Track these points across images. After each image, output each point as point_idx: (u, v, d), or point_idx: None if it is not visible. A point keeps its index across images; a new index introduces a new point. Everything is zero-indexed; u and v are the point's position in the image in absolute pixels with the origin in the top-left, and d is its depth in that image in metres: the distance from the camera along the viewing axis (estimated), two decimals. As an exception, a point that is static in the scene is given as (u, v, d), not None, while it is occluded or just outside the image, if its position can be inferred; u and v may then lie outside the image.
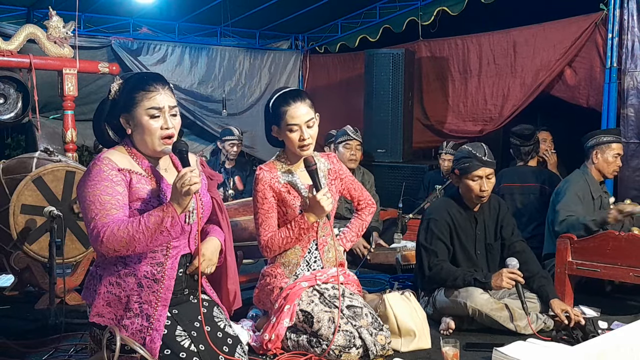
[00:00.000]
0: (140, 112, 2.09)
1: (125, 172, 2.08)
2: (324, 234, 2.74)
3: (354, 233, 2.94)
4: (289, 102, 2.58)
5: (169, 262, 2.14)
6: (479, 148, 3.17)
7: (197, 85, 7.17)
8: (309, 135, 2.58)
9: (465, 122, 6.47)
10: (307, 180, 2.65)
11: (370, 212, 2.97)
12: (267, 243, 2.64)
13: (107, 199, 2.01)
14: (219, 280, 2.41)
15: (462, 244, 3.22)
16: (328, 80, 7.62)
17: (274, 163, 2.70)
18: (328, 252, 2.75)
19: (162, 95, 2.11)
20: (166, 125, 2.11)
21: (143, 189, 2.09)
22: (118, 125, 2.15)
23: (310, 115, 2.60)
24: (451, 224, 3.20)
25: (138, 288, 2.10)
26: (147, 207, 2.07)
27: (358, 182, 2.94)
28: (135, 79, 2.15)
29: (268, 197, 2.63)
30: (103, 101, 2.18)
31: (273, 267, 2.73)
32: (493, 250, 3.28)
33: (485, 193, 3.15)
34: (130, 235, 1.96)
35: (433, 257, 3.16)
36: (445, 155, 5.58)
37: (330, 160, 2.81)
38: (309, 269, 2.73)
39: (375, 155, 6.17)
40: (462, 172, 3.17)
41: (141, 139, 2.12)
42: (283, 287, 2.65)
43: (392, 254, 4.44)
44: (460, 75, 6.45)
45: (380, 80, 6.18)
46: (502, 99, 6.13)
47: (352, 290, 2.77)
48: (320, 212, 2.57)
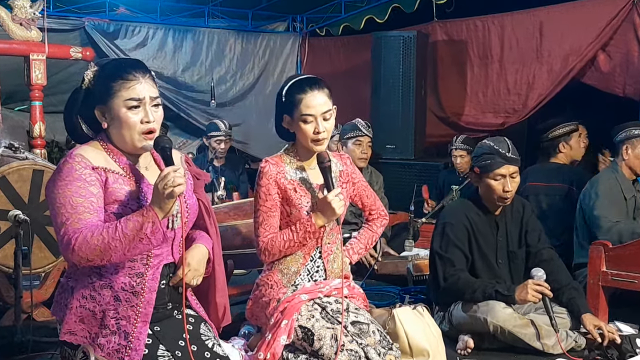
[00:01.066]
0: (118, 103, 2.08)
1: (101, 171, 2.07)
2: (329, 241, 2.74)
3: (362, 245, 2.95)
4: (306, 90, 2.60)
5: (149, 272, 2.14)
6: (502, 143, 3.18)
7: (181, 72, 7.17)
8: (324, 128, 2.59)
9: (485, 114, 6.48)
10: (317, 179, 2.67)
11: (382, 224, 3.00)
12: (267, 245, 2.65)
13: (79, 202, 2.01)
14: (206, 293, 2.41)
15: (481, 252, 3.22)
16: (330, 67, 7.62)
17: (282, 157, 2.71)
18: (333, 262, 2.76)
19: (143, 85, 2.11)
20: (147, 119, 2.10)
21: (120, 189, 2.08)
22: (92, 118, 2.15)
23: (328, 106, 2.62)
24: (469, 229, 3.20)
25: (115, 302, 2.10)
26: (125, 211, 2.06)
27: (371, 190, 2.97)
28: (112, 66, 2.15)
29: (272, 194, 2.64)
30: (75, 90, 2.18)
31: (269, 275, 2.73)
32: (517, 259, 3.29)
33: (508, 194, 3.16)
34: (106, 243, 1.96)
35: (449, 266, 3.16)
36: (456, 152, 5.59)
37: (343, 161, 2.83)
38: (310, 279, 2.73)
39: (383, 151, 6.18)
40: (482, 171, 3.17)
41: (119, 134, 2.11)
42: (280, 298, 2.66)
43: (403, 264, 4.45)
44: (480, 60, 6.46)
45: (389, 66, 6.18)
46: (526, 87, 6.14)
47: (358, 304, 2.78)
48: (331, 215, 2.58)
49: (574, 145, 4.61)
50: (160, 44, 6.97)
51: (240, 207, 3.70)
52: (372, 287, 4.32)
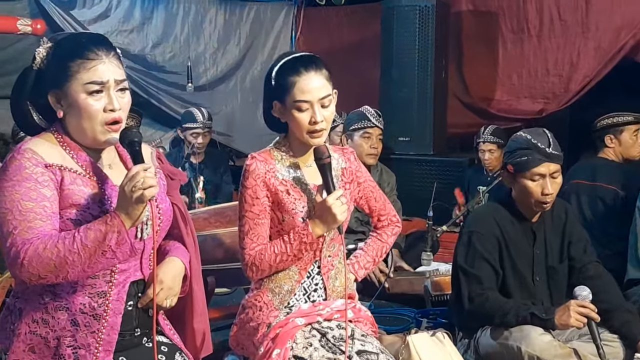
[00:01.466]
0: (76, 87, 2.08)
1: (55, 169, 2.07)
2: (330, 253, 2.75)
3: (369, 258, 2.95)
4: (300, 71, 2.59)
5: (114, 291, 2.14)
6: (541, 136, 3.18)
7: (151, 49, 7.20)
8: (322, 117, 2.59)
9: (519, 100, 6.51)
10: (314, 179, 2.67)
11: (393, 233, 3.00)
12: (254, 259, 2.65)
13: (29, 207, 2.00)
14: (182, 317, 2.41)
15: (515, 267, 3.23)
16: (330, 44, 7.64)
17: (271, 152, 2.71)
18: (335, 279, 2.76)
19: (106, 65, 2.10)
20: (111, 106, 2.10)
21: (79, 191, 2.08)
22: (45, 106, 2.14)
23: (327, 90, 2.61)
24: (501, 240, 3.21)
25: (72, 327, 2.10)
26: (84, 217, 2.06)
27: (380, 191, 2.96)
28: (70, 42, 2.14)
29: (260, 197, 2.64)
30: (25, 71, 2.17)
31: (258, 295, 2.73)
32: (557, 275, 3.30)
33: (548, 197, 3.17)
34: (62, 257, 1.96)
35: (475, 284, 3.17)
36: (484, 145, 5.60)
37: (346, 157, 2.83)
38: (307, 300, 2.74)
39: (395, 145, 6.20)
40: (517, 169, 3.18)
41: (77, 125, 2.12)
42: (271, 323, 2.67)
43: (419, 281, 4.46)
44: (514, 35, 6.48)
45: (402, 43, 6.20)
46: (569, 67, 6.17)
47: (365, 330, 2.79)
48: (331, 222, 2.58)
49: (625, 140, 4.62)
50: (125, 15, 7.00)
51: (223, 212, 3.71)
52: (383, 309, 4.33)
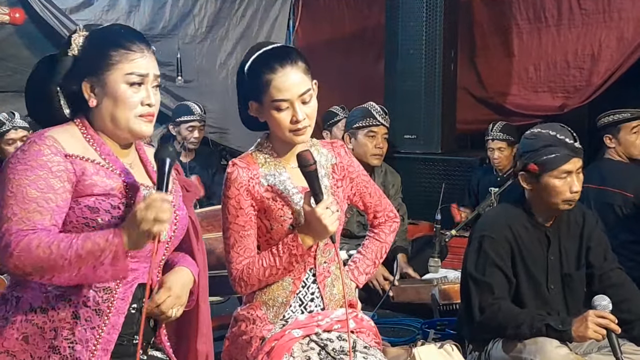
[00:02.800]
0: (116, 77, 2.14)
1: (75, 160, 2.11)
2: (325, 259, 2.75)
3: (369, 262, 2.94)
4: (274, 68, 2.58)
5: (120, 289, 2.16)
6: (564, 131, 3.19)
7: (137, 39, 7.19)
8: (304, 114, 2.58)
9: (538, 94, 6.50)
10: (301, 181, 2.65)
11: (392, 230, 2.98)
12: (242, 274, 2.65)
13: (33, 196, 2.04)
14: (185, 336, 2.43)
15: (529, 274, 3.24)
16: (331, 33, 7.63)
17: (254, 156, 2.70)
18: (332, 286, 2.76)
19: (148, 59, 2.19)
20: (149, 100, 2.17)
21: (101, 182, 2.12)
22: (75, 94, 2.19)
23: (306, 85, 2.60)
24: (514, 245, 3.21)
25: (72, 319, 2.11)
26: (102, 205, 2.10)
27: (374, 185, 2.94)
28: (110, 32, 2.22)
29: (244, 207, 2.63)
30: (54, 57, 2.23)
31: (251, 309, 2.74)
32: (573, 283, 3.30)
33: (577, 195, 3.18)
34: (52, 259, 1.97)
35: (487, 293, 3.18)
36: (493, 143, 5.59)
37: (336, 151, 2.82)
38: (304, 311, 2.74)
39: (401, 143, 6.20)
40: (544, 168, 3.16)
41: (111, 114, 2.17)
42: (266, 336, 2.67)
43: (427, 289, 4.47)
44: (530, 24, 6.48)
45: (408, 33, 6.20)
46: (590, 59, 6.17)
47: (368, 341, 2.79)
48: (321, 233, 2.57)
49: (625, 139, 4.63)
50: (110, 3, 7.00)
51: (215, 215, 3.70)
52: (387, 319, 4.34)
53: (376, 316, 4.13)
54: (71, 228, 2.10)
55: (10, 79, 6.34)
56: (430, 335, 3.80)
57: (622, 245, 4.34)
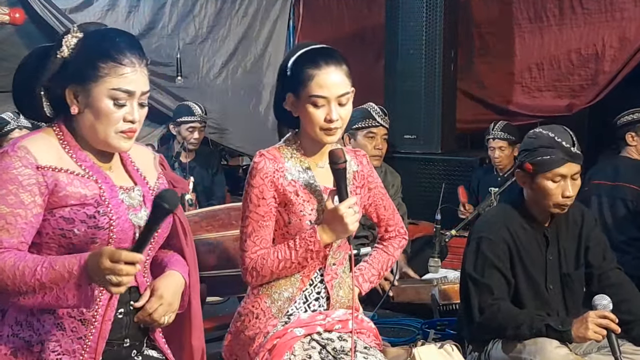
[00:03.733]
0: (102, 90, 2.07)
1: (47, 172, 2.06)
2: (335, 261, 2.75)
3: (375, 271, 2.95)
4: (319, 64, 2.60)
5: (104, 296, 2.14)
6: (564, 134, 3.18)
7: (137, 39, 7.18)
8: (338, 115, 2.60)
9: (542, 94, 6.49)
10: (325, 180, 2.67)
11: (400, 245, 3.01)
12: (256, 264, 2.65)
13: (3, 212, 2.00)
14: (179, 333, 2.42)
15: (527, 275, 3.24)
16: (331, 34, 7.64)
17: (281, 150, 2.71)
18: (339, 288, 2.77)
19: (138, 75, 2.10)
20: (131, 117, 2.10)
21: (75, 193, 2.08)
22: (59, 97, 2.13)
23: (346, 87, 2.62)
24: (512, 245, 3.21)
25: (58, 331, 2.10)
26: (78, 215, 2.07)
27: (389, 199, 2.96)
28: (104, 38, 2.13)
29: (267, 197, 2.63)
30: (43, 56, 2.16)
31: (255, 302, 2.73)
32: (572, 283, 3.30)
33: (569, 200, 3.17)
34: (15, 285, 1.96)
35: (486, 293, 3.18)
36: (494, 142, 5.59)
37: (359, 160, 2.83)
38: (307, 309, 2.75)
39: (401, 143, 6.20)
40: (538, 169, 3.17)
41: (91, 125, 2.11)
42: (269, 332, 2.67)
43: (426, 289, 4.47)
44: (532, 24, 6.47)
45: (408, 32, 6.20)
46: (594, 59, 6.15)
47: (368, 342, 2.79)
48: (341, 231, 2.58)
49: None
50: (110, 3, 6.98)
51: (215, 215, 3.72)
52: (387, 319, 4.34)
53: (376, 316, 4.12)
54: (48, 239, 2.08)
55: (10, 79, 6.29)
56: (430, 335, 3.80)
57: (630, 242, 4.34)
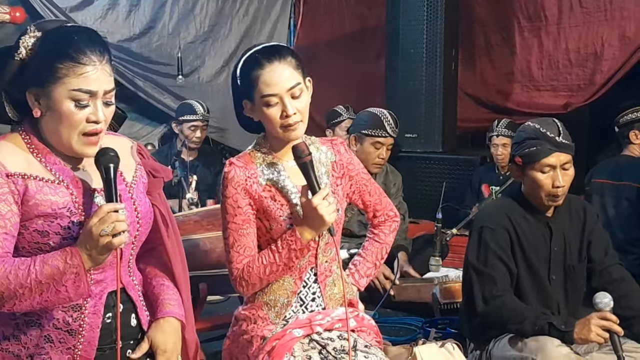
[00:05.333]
0: (61, 91, 2.01)
1: (17, 179, 2.02)
2: (327, 258, 2.74)
3: (369, 264, 2.94)
4: (262, 64, 2.58)
5: (89, 304, 2.12)
6: (550, 125, 3.19)
7: (137, 38, 7.19)
8: (294, 109, 2.57)
9: (541, 93, 6.50)
10: (299, 179, 2.65)
11: (392, 229, 2.98)
12: (243, 273, 2.65)
13: None
14: None
15: (529, 265, 3.23)
16: (332, 33, 7.64)
17: (251, 155, 2.70)
18: (333, 285, 2.76)
19: (99, 73, 2.03)
20: (95, 117, 2.04)
21: (46, 201, 2.03)
22: (21, 100, 2.08)
23: (295, 79, 2.59)
24: (513, 234, 3.21)
25: (46, 344, 2.08)
26: (52, 227, 2.03)
27: (374, 184, 2.94)
28: (61, 37, 2.06)
29: (242, 206, 2.63)
30: (3, 56, 2.10)
31: (252, 309, 2.74)
32: (575, 275, 3.29)
33: (560, 190, 3.17)
34: (11, 290, 1.93)
35: (490, 285, 3.16)
36: (497, 139, 5.59)
37: (336, 148, 2.81)
38: (305, 311, 2.74)
39: (402, 142, 6.19)
40: (526, 161, 3.18)
41: (54, 129, 2.06)
42: (267, 336, 2.67)
43: (427, 288, 4.46)
44: (531, 24, 6.48)
45: (409, 32, 6.20)
46: (593, 58, 6.16)
47: (369, 340, 2.79)
48: (319, 225, 2.57)
49: None
50: (111, 2, 6.99)
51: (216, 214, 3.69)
52: (388, 317, 4.33)
53: (377, 315, 4.12)
54: (25, 253, 2.04)
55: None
56: (431, 334, 3.79)
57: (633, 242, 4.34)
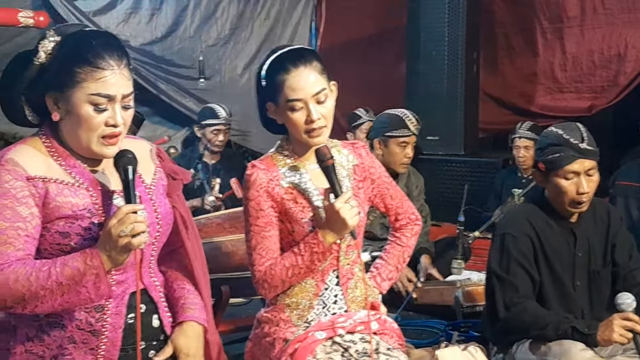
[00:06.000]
0: (80, 96, 2.03)
1: (38, 182, 2.04)
2: (348, 261, 2.75)
3: (392, 267, 2.94)
4: (288, 68, 2.59)
5: (112, 304, 2.13)
6: (574, 131, 3.18)
7: (159, 41, 7.22)
8: (319, 114, 2.58)
9: (564, 95, 6.48)
10: (321, 182, 2.66)
11: (414, 233, 2.98)
12: (265, 276, 2.65)
13: (2, 228, 1.98)
14: None
15: (553, 271, 3.21)
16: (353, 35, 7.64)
17: (273, 158, 2.71)
18: (354, 288, 2.76)
19: (117, 77, 2.05)
20: (114, 121, 2.06)
21: (66, 203, 2.05)
22: (41, 104, 2.11)
23: (321, 84, 2.60)
24: (535, 241, 3.20)
25: (69, 344, 2.09)
26: (72, 228, 2.05)
27: (396, 187, 2.94)
28: (79, 42, 2.08)
29: (264, 209, 2.64)
30: (23, 62, 2.12)
31: (274, 311, 2.74)
32: (599, 280, 3.28)
33: (584, 197, 3.16)
34: (32, 291, 1.95)
35: (512, 292, 3.16)
36: (519, 141, 5.57)
37: (357, 152, 2.82)
38: (327, 313, 2.75)
39: (423, 145, 6.18)
40: (550, 167, 3.17)
41: (73, 132, 2.08)
42: (289, 338, 2.68)
43: (450, 291, 4.45)
44: (552, 25, 6.45)
45: (430, 34, 6.20)
46: (617, 59, 6.12)
47: (391, 343, 2.79)
48: (341, 228, 2.57)
49: None
50: (133, 6, 7.03)
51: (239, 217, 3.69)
52: (410, 320, 4.33)
53: (399, 318, 4.11)
54: (47, 255, 2.06)
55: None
56: (453, 337, 3.77)
57: None
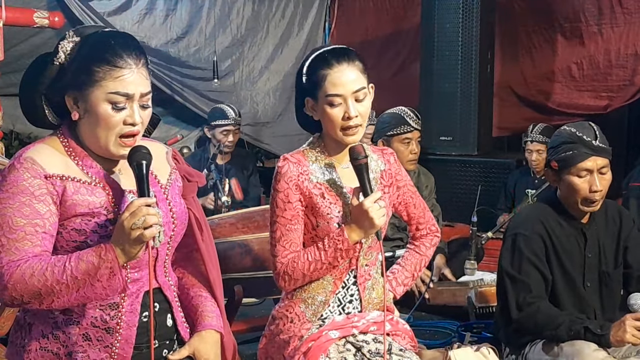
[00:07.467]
0: (99, 95, 2.05)
1: (56, 180, 2.06)
2: (367, 262, 2.75)
3: (408, 273, 2.95)
4: (331, 64, 2.61)
5: (126, 302, 2.14)
6: (587, 129, 3.17)
7: (174, 42, 7.23)
8: (357, 112, 2.60)
9: (581, 94, 6.46)
10: (350, 181, 2.67)
11: (432, 244, 3.00)
12: (287, 268, 2.66)
13: (20, 224, 2.01)
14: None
15: (564, 271, 3.21)
16: (366, 35, 7.65)
17: (305, 153, 2.72)
18: (371, 289, 2.77)
19: (135, 76, 2.07)
20: (132, 120, 2.08)
21: (83, 201, 2.07)
22: (60, 104, 2.13)
23: (361, 83, 2.63)
24: (547, 241, 3.19)
25: (84, 342, 2.11)
26: (89, 225, 2.07)
27: (420, 197, 2.96)
28: (98, 42, 2.10)
29: (293, 201, 2.65)
30: (43, 63, 2.14)
31: (289, 306, 2.75)
32: (611, 282, 3.27)
33: (597, 195, 3.15)
34: (48, 286, 1.97)
35: (524, 292, 3.15)
36: (531, 145, 5.55)
37: (386, 158, 2.83)
38: (342, 312, 2.75)
39: (436, 145, 6.18)
40: (562, 165, 3.16)
41: (91, 131, 2.10)
42: (303, 336, 2.68)
43: (462, 291, 4.44)
44: (570, 25, 6.43)
45: (444, 34, 6.19)
46: (634, 58, 6.11)
47: (404, 344, 2.79)
48: (368, 227, 2.58)
49: None
50: (148, 6, 7.03)
51: (251, 217, 3.74)
52: (423, 321, 4.32)
53: (412, 318, 4.11)
54: (63, 252, 2.08)
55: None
56: (466, 338, 3.76)
57: None
